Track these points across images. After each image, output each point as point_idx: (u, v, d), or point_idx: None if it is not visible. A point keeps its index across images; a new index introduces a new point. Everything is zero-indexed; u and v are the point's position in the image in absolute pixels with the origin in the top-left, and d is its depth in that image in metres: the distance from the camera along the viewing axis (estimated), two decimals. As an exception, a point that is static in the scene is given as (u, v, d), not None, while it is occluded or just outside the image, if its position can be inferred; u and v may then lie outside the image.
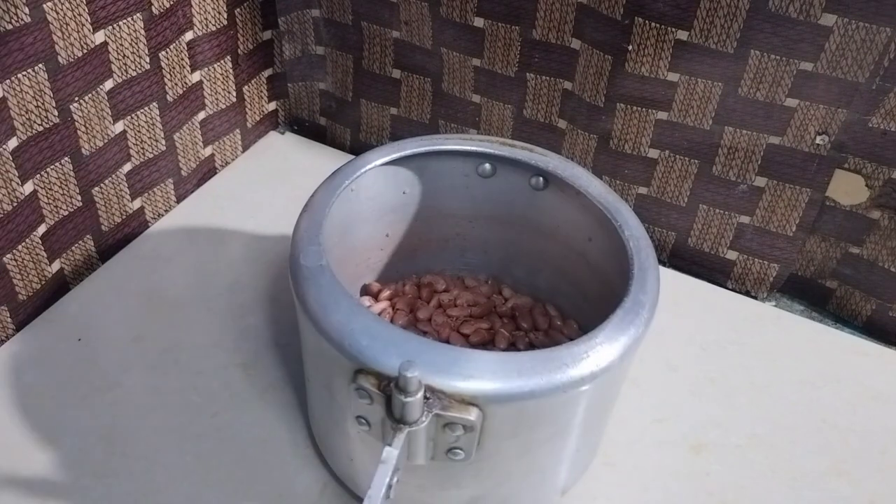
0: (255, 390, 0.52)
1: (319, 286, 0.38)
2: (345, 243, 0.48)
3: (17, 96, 0.48)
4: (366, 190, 0.48)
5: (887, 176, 0.53)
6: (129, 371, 0.52)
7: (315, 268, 0.39)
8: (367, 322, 0.36)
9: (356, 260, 0.52)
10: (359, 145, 0.74)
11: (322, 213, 0.42)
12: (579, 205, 0.46)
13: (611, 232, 0.43)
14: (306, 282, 0.38)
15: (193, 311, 0.57)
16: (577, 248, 0.49)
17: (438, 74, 0.65)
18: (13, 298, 0.54)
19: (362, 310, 0.37)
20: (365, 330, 0.36)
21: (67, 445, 0.48)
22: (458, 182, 0.50)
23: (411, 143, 0.48)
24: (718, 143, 0.57)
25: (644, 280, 0.40)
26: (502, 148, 0.48)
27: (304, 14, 0.68)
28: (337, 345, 0.36)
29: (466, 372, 0.34)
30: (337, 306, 0.37)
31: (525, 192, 0.49)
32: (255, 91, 0.71)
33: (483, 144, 0.48)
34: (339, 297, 0.37)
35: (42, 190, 0.53)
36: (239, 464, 0.47)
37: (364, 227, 0.50)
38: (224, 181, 0.70)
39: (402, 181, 0.50)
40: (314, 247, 0.40)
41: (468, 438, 0.35)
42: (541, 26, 0.58)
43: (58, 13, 0.48)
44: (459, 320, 0.52)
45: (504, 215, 0.52)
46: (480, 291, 0.54)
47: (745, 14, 0.50)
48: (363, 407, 0.35)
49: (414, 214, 0.52)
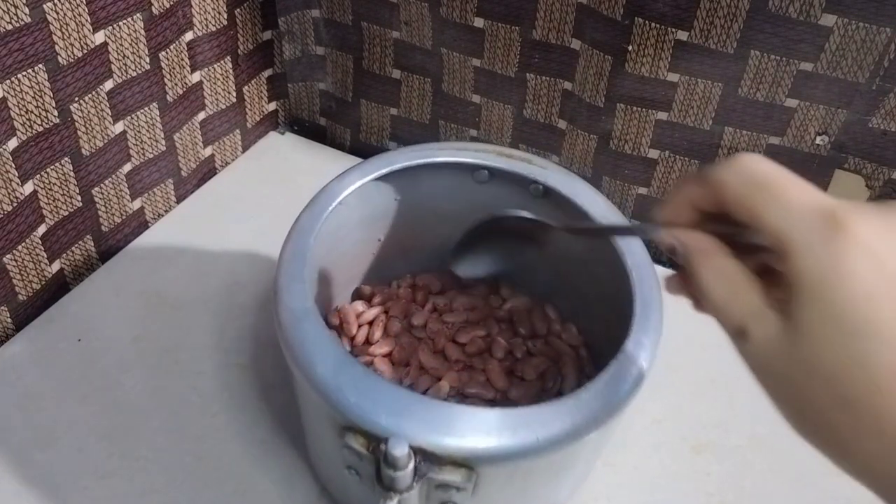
0: (255, 390, 0.52)
1: (305, 333, 0.36)
2: (337, 249, 0.47)
3: (17, 96, 0.48)
4: (355, 201, 0.45)
5: (887, 176, 0.53)
6: (129, 371, 0.52)
7: (300, 310, 0.37)
8: (356, 376, 0.34)
9: (349, 264, 0.51)
10: (359, 145, 0.74)
11: (306, 244, 0.40)
12: (578, 216, 0.45)
13: (613, 255, 0.42)
14: (291, 327, 0.36)
15: (193, 311, 0.57)
16: (577, 255, 0.47)
17: (438, 75, 0.65)
18: (13, 298, 0.54)
19: (350, 362, 0.35)
20: (353, 385, 0.34)
21: (67, 445, 0.48)
22: (453, 187, 0.49)
23: (403, 155, 0.46)
24: (718, 143, 0.57)
25: (647, 320, 0.38)
26: (499, 159, 0.46)
27: (304, 14, 0.68)
28: (324, 399, 0.34)
29: (458, 431, 0.33)
30: (324, 357, 0.35)
31: (524, 197, 0.47)
32: (255, 91, 0.71)
33: (479, 155, 0.46)
34: (327, 347, 0.35)
35: (42, 190, 0.53)
36: (239, 464, 0.47)
37: (356, 233, 0.49)
38: (224, 181, 0.70)
39: (394, 189, 0.48)
40: (298, 285, 0.38)
41: (462, 495, 0.34)
42: (541, 27, 0.58)
43: (58, 13, 0.48)
44: (455, 327, 0.50)
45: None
46: (477, 293, 0.53)
47: (745, 14, 0.50)
48: (353, 460, 0.34)
49: (408, 218, 0.50)
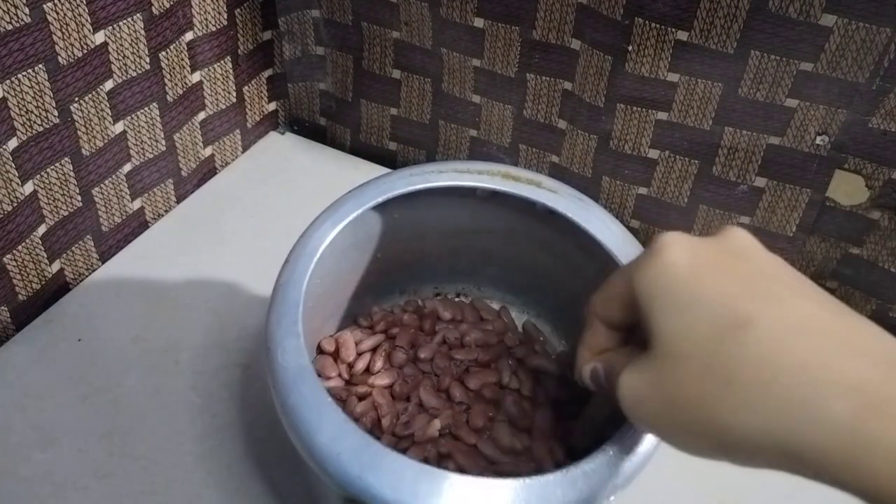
0: (255, 390, 0.52)
1: (302, 396, 0.34)
2: (334, 272, 0.44)
3: (17, 96, 0.48)
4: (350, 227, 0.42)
5: (887, 176, 0.53)
6: (129, 371, 0.52)
7: (295, 369, 0.35)
8: (356, 445, 0.33)
9: (347, 284, 0.48)
10: (359, 145, 0.74)
11: (299, 291, 0.38)
12: (590, 242, 0.42)
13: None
14: (286, 389, 0.34)
15: (193, 311, 0.57)
16: (587, 275, 0.44)
17: (438, 75, 0.65)
18: (13, 298, 0.54)
19: (351, 428, 0.33)
20: (354, 455, 0.32)
21: (67, 445, 0.48)
22: (454, 203, 0.46)
23: (400, 181, 0.43)
24: (718, 143, 0.57)
25: None
26: (505, 182, 0.43)
27: (304, 14, 0.68)
28: (322, 470, 0.33)
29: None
30: (322, 424, 0.33)
31: (531, 214, 0.45)
32: (255, 91, 0.71)
33: (483, 178, 0.43)
34: (325, 411, 0.34)
35: (42, 190, 0.53)
36: (239, 464, 0.47)
37: (353, 255, 0.46)
38: (224, 181, 0.70)
39: (393, 208, 0.45)
40: (292, 339, 0.36)
41: None
42: (541, 27, 0.58)
43: (58, 13, 0.48)
44: (464, 365, 0.46)
45: (507, 230, 0.48)
46: (491, 329, 0.49)
47: (745, 14, 0.50)
48: None
49: (407, 234, 0.48)
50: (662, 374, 0.28)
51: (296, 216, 0.44)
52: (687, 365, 0.27)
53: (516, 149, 0.66)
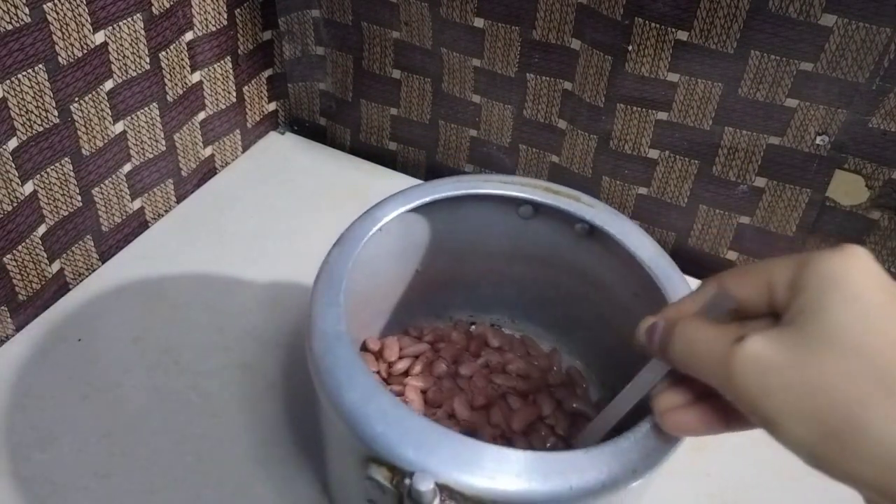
0: (255, 390, 0.52)
1: (336, 357, 0.35)
2: (372, 280, 0.45)
3: (17, 96, 0.48)
4: (396, 228, 0.44)
5: (887, 176, 0.53)
6: (129, 371, 0.52)
7: (333, 333, 0.36)
8: (384, 406, 0.33)
9: (385, 294, 0.49)
10: (359, 145, 0.74)
11: (343, 269, 0.40)
12: (626, 260, 0.43)
13: (658, 296, 0.40)
14: (323, 349, 0.36)
15: (193, 311, 0.57)
16: (621, 301, 0.45)
17: (438, 75, 0.65)
18: (13, 298, 0.54)
19: (380, 390, 0.34)
20: (381, 415, 0.33)
21: (67, 445, 0.48)
22: (496, 221, 0.47)
23: (445, 186, 0.45)
24: (718, 143, 0.57)
25: None
26: (546, 195, 0.45)
27: (304, 14, 0.68)
28: (350, 427, 0.33)
29: (488, 471, 0.32)
30: (353, 383, 0.34)
31: (569, 236, 0.46)
32: (255, 91, 0.71)
33: (525, 190, 0.45)
34: (357, 373, 0.35)
35: (42, 190, 0.53)
36: (239, 464, 0.47)
37: (392, 264, 0.47)
38: (224, 181, 0.70)
39: (436, 219, 0.47)
40: (333, 308, 0.37)
41: None
42: (541, 27, 0.58)
43: (58, 13, 0.48)
44: (501, 390, 0.46)
45: (545, 257, 0.48)
46: (537, 364, 0.49)
47: (745, 14, 0.50)
48: (376, 493, 0.33)
49: (447, 251, 0.49)
50: (811, 355, 0.27)
51: (296, 216, 0.44)
52: (848, 359, 0.26)
53: (516, 149, 0.66)
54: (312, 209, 0.67)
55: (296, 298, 0.58)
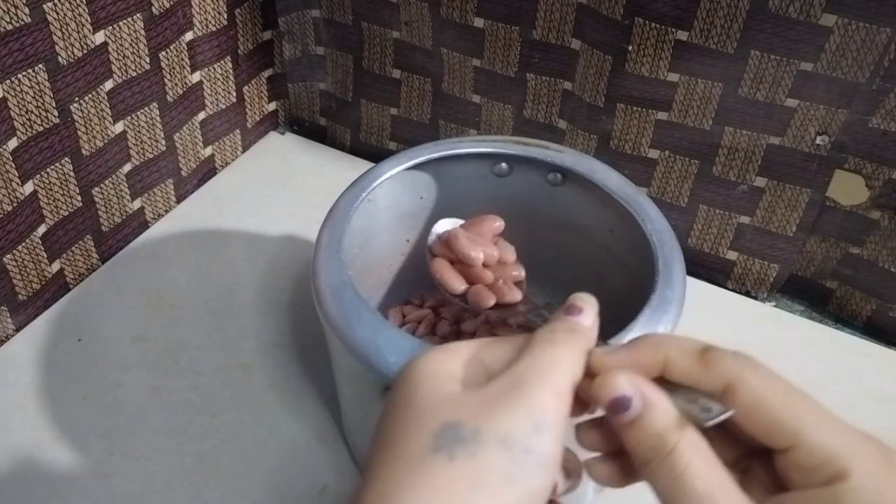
0: (255, 390, 0.52)
1: (343, 302, 0.38)
2: (366, 253, 0.48)
3: (17, 96, 0.48)
4: (383, 199, 0.47)
5: (887, 176, 0.53)
6: (129, 371, 0.52)
7: (337, 284, 0.39)
8: (393, 336, 0.36)
9: (379, 267, 0.52)
10: (359, 145, 0.74)
11: (341, 229, 0.43)
12: (599, 199, 0.46)
13: (633, 225, 0.43)
14: (329, 298, 0.39)
15: (193, 311, 0.57)
16: (598, 241, 0.48)
17: (438, 74, 0.65)
18: (13, 298, 0.54)
19: (387, 324, 0.37)
20: (391, 345, 0.36)
21: (67, 445, 0.48)
22: (474, 183, 0.50)
23: (425, 150, 0.48)
24: (718, 143, 0.57)
25: (670, 276, 0.40)
26: (517, 147, 0.48)
27: (304, 14, 0.68)
28: (363, 361, 0.36)
29: None
30: (361, 321, 0.37)
31: (543, 188, 0.49)
32: (255, 91, 0.71)
33: (497, 145, 0.48)
34: (363, 313, 0.38)
35: (42, 190, 0.53)
36: (239, 464, 0.47)
37: (384, 236, 0.50)
38: (224, 181, 0.70)
39: (419, 187, 0.49)
40: (335, 263, 0.40)
41: None
42: (541, 26, 0.58)
43: (58, 13, 0.48)
44: None
45: (523, 212, 0.50)
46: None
47: (745, 14, 0.50)
48: None
49: (433, 217, 0.50)
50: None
51: (296, 216, 0.44)
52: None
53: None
54: (312, 209, 0.67)
55: (296, 298, 0.58)
